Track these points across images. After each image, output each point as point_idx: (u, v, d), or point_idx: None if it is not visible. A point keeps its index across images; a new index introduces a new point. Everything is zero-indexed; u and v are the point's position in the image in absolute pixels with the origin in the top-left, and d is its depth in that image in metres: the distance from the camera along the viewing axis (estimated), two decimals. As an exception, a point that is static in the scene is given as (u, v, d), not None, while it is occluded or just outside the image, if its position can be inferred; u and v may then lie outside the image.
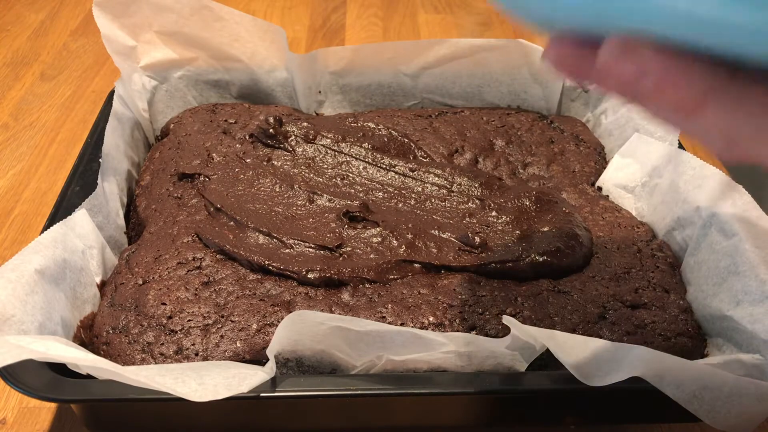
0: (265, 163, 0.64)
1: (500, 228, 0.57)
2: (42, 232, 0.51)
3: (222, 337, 0.49)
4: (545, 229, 0.57)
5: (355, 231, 0.56)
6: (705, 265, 0.52)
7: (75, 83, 0.96)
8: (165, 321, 0.50)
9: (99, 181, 0.57)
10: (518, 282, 0.53)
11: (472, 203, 0.60)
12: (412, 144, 0.68)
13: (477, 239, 0.55)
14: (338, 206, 0.58)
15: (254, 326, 0.49)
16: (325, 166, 0.64)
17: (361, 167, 0.64)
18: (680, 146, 0.64)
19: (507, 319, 0.45)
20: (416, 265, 0.54)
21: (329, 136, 0.66)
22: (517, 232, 0.57)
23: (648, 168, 0.62)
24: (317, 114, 0.78)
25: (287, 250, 0.54)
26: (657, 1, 0.21)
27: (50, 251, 0.49)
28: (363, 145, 0.66)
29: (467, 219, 0.58)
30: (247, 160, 0.64)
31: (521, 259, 0.54)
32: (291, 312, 0.48)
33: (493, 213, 0.59)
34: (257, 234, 0.55)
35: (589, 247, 0.56)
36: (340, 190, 0.61)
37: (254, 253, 0.53)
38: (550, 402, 0.48)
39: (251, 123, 0.69)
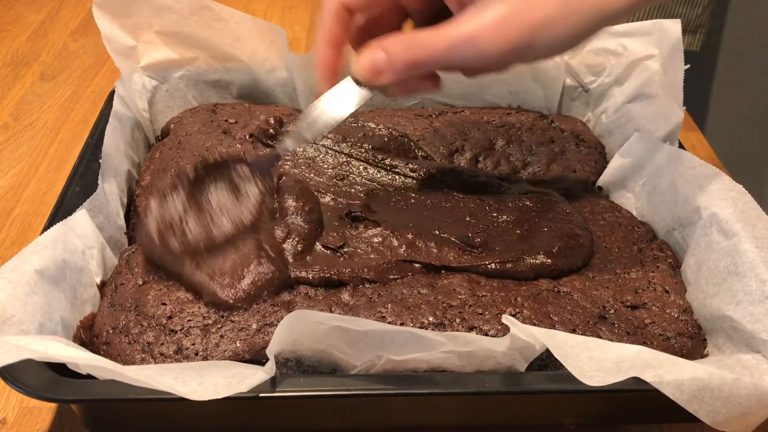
0: (265, 163, 0.63)
1: (500, 228, 0.57)
2: (42, 232, 0.51)
3: (222, 336, 0.49)
4: (545, 229, 0.57)
5: (356, 231, 0.56)
6: (705, 265, 0.52)
7: (75, 83, 0.96)
8: (165, 321, 0.50)
9: (99, 181, 0.57)
10: (518, 282, 0.53)
11: (472, 203, 0.60)
12: (412, 144, 0.68)
13: (477, 239, 0.55)
14: (339, 206, 0.58)
15: (254, 326, 0.49)
16: (326, 166, 0.64)
17: (361, 167, 0.64)
18: (680, 146, 0.64)
19: (507, 319, 0.45)
20: (416, 265, 0.54)
21: (329, 136, 0.66)
22: (517, 232, 0.57)
23: (648, 168, 0.62)
24: (317, 114, 0.78)
25: (287, 250, 0.54)
26: None
27: (50, 252, 0.49)
28: (363, 145, 0.66)
29: (467, 219, 0.58)
30: (247, 160, 0.64)
31: (521, 259, 0.54)
32: (291, 312, 0.48)
33: (493, 213, 0.59)
34: (257, 234, 0.55)
35: (589, 247, 0.56)
36: (341, 190, 0.61)
37: (254, 253, 0.53)
38: (550, 402, 0.48)
39: (251, 123, 0.69)
